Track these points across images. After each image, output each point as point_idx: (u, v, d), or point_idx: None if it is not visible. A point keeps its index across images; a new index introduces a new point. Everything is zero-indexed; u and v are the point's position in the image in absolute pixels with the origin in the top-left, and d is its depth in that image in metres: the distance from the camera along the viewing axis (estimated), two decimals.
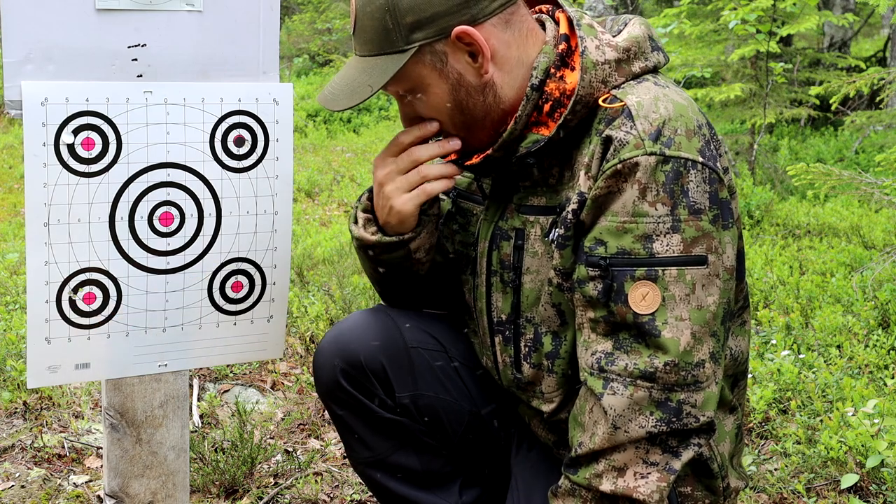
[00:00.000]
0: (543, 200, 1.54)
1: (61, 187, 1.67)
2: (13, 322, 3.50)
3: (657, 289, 1.39)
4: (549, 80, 1.50)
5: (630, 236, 1.40)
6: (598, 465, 1.43)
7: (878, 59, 10.41)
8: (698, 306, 1.41)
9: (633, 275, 1.40)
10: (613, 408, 1.40)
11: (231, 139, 1.80)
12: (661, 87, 1.49)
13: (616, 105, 1.45)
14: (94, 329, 1.76)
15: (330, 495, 2.47)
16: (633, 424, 1.39)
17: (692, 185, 1.41)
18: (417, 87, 1.51)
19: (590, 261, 1.43)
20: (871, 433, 2.45)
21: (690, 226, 1.40)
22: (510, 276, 1.58)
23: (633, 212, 1.40)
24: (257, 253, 1.87)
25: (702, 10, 7.71)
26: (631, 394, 1.39)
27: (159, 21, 1.70)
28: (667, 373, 1.39)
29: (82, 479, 2.49)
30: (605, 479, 1.42)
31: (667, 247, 1.40)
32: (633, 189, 1.40)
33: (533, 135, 1.51)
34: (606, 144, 1.44)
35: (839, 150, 7.72)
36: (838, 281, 4.02)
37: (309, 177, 7.14)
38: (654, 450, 1.41)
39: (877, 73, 4.65)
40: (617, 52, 1.49)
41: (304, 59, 13.99)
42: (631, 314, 1.40)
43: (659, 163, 1.40)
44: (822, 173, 4.21)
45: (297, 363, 3.38)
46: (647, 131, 1.41)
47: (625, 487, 1.41)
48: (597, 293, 1.42)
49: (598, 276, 1.42)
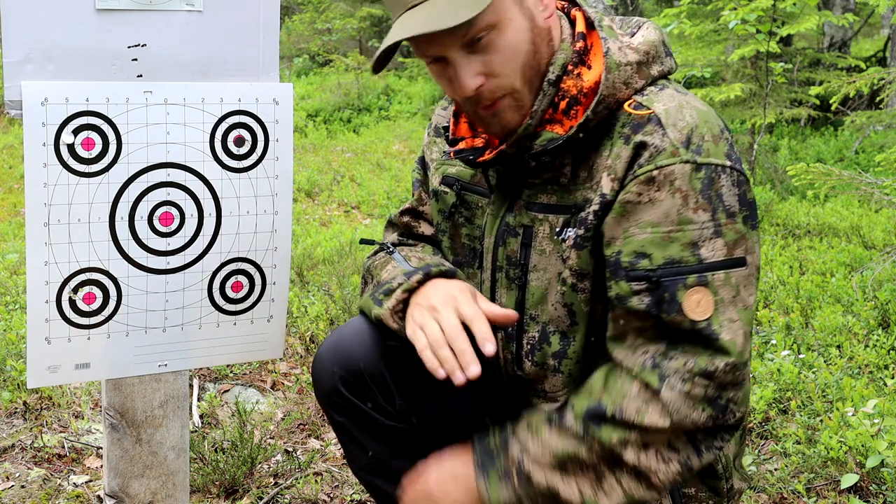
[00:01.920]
0: (554, 199, 1.54)
1: (61, 187, 1.67)
2: (13, 322, 3.50)
3: (709, 293, 1.40)
4: (566, 77, 1.50)
5: (677, 245, 1.41)
6: (630, 433, 1.41)
7: (878, 59, 10.41)
8: (744, 307, 1.43)
9: (684, 283, 1.40)
10: (671, 402, 1.40)
11: (231, 139, 1.80)
12: (682, 94, 1.51)
13: (643, 112, 1.46)
14: (94, 329, 1.76)
15: (330, 495, 2.47)
16: (686, 419, 1.40)
17: (724, 190, 1.43)
18: (500, 22, 1.42)
19: (633, 275, 1.42)
20: (871, 433, 2.45)
21: (730, 229, 1.43)
22: (516, 272, 1.58)
23: (678, 220, 1.41)
24: (257, 253, 1.87)
25: (702, 10, 7.71)
26: (688, 390, 1.39)
27: (159, 21, 1.70)
28: (726, 373, 1.40)
29: (82, 479, 2.49)
30: (630, 450, 1.41)
31: (712, 251, 1.41)
32: (674, 198, 1.41)
33: (547, 133, 1.50)
34: (638, 150, 1.43)
35: (839, 150, 7.71)
36: (838, 281, 4.02)
37: (309, 177, 7.14)
38: (681, 438, 1.42)
39: (877, 73, 4.65)
40: (638, 55, 1.50)
41: (304, 59, 13.99)
42: (687, 321, 1.40)
43: (693, 170, 1.42)
44: (822, 173, 4.21)
45: (297, 363, 3.38)
46: (678, 139, 1.43)
47: (647, 466, 1.41)
48: (645, 306, 1.41)
49: (644, 290, 1.42)
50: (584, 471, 1.44)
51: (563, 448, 1.44)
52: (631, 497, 1.43)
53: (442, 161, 1.75)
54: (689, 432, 1.42)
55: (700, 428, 1.41)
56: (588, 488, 1.44)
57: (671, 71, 1.55)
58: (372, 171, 7.63)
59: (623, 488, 1.43)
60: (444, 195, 1.73)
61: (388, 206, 6.38)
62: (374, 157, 8.24)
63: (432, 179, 1.77)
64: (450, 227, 1.74)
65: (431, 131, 1.80)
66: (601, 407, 1.43)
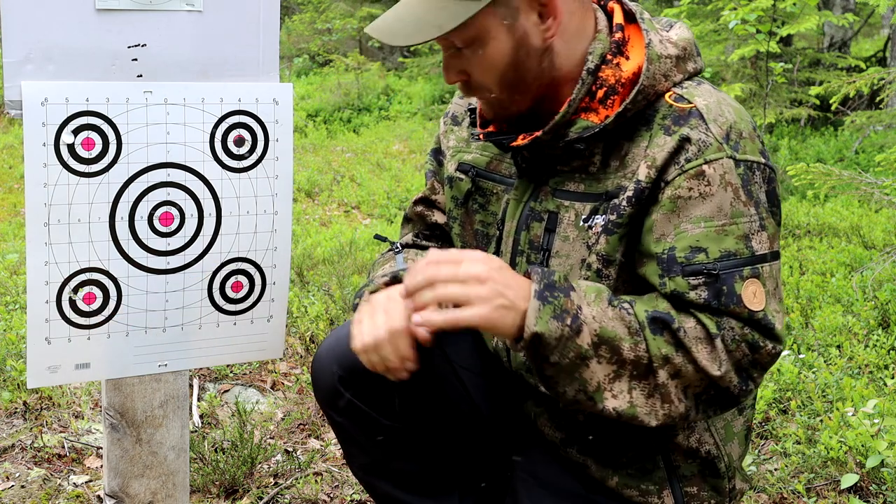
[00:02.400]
0: (582, 187, 1.54)
1: (61, 187, 1.67)
2: (13, 322, 3.50)
3: (761, 285, 1.44)
4: (604, 66, 1.51)
5: (732, 238, 1.43)
6: (677, 356, 1.39)
7: (878, 59, 10.40)
8: (779, 299, 1.47)
9: (741, 274, 1.43)
10: (722, 352, 1.41)
11: (231, 139, 1.81)
12: (717, 91, 1.53)
13: (684, 105, 1.48)
14: (94, 329, 1.76)
15: (330, 495, 2.47)
16: (728, 374, 1.40)
17: (762, 185, 1.47)
18: (480, 38, 1.46)
19: (690, 270, 1.43)
20: (871, 433, 2.45)
21: (770, 223, 1.47)
22: (538, 257, 1.58)
23: (731, 213, 1.43)
24: (257, 253, 1.87)
25: (702, 10, 7.71)
26: (733, 350, 1.41)
27: (159, 21, 1.70)
28: (769, 355, 1.43)
29: (82, 479, 2.49)
30: (665, 371, 1.39)
31: (760, 244, 1.45)
32: (726, 192, 1.44)
33: (582, 121, 1.50)
34: (683, 143, 1.45)
35: (839, 150, 7.71)
36: (838, 281, 4.02)
37: (309, 177, 7.14)
38: (697, 388, 1.42)
39: (877, 73, 4.65)
40: (677, 49, 1.52)
41: (304, 59, 13.98)
42: (746, 312, 1.42)
43: (736, 165, 1.45)
44: (822, 173, 4.21)
45: (297, 363, 3.38)
46: (720, 135, 1.45)
47: (664, 392, 1.40)
48: (703, 300, 1.42)
49: (702, 284, 1.43)
50: (610, 361, 1.39)
51: (610, 330, 1.39)
52: (627, 412, 1.41)
53: (458, 148, 1.75)
54: (711, 387, 1.42)
55: (728, 391, 1.42)
56: (602, 378, 1.40)
57: (702, 69, 1.57)
58: (372, 171, 7.63)
59: (629, 398, 1.40)
60: (460, 182, 1.72)
61: (388, 206, 6.38)
62: (374, 157, 8.23)
63: (448, 166, 1.76)
64: (462, 213, 1.73)
65: (448, 119, 1.80)
66: (669, 318, 1.41)
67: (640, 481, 1.59)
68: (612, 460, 1.59)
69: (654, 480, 1.58)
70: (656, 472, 1.58)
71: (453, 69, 1.51)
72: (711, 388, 1.42)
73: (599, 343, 1.38)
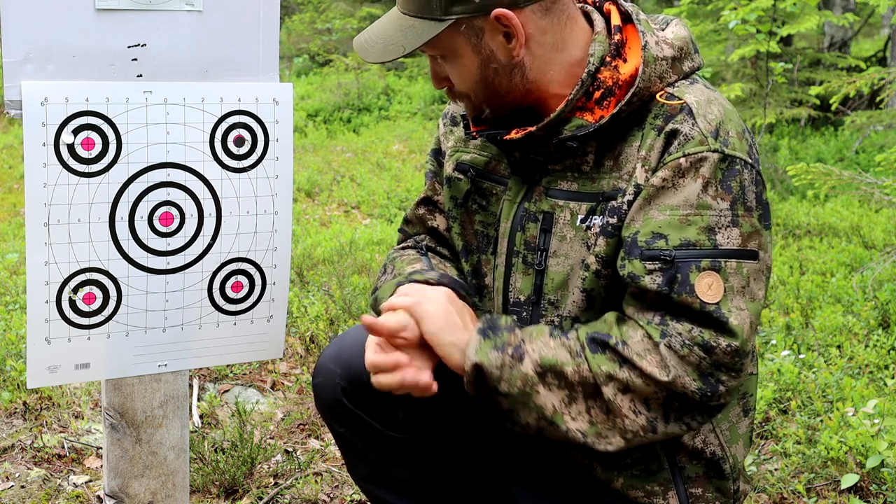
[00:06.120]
0: (575, 186, 1.55)
1: (61, 187, 1.67)
2: (13, 322, 3.50)
3: (720, 279, 1.43)
4: (603, 68, 1.52)
5: (694, 228, 1.44)
6: (620, 371, 1.42)
7: (878, 59, 10.40)
8: (751, 298, 1.45)
9: (698, 265, 1.43)
10: (668, 358, 1.41)
11: (231, 139, 1.80)
12: (710, 89, 1.54)
13: (675, 102, 1.50)
14: (94, 329, 1.76)
15: (330, 495, 2.47)
16: (679, 380, 1.40)
17: (745, 184, 1.47)
18: (449, 54, 1.54)
19: (648, 254, 1.44)
20: (871, 433, 2.45)
21: (746, 221, 1.46)
22: (534, 258, 1.58)
23: (696, 204, 1.44)
24: (257, 253, 1.87)
25: (702, 10, 7.71)
26: (685, 355, 1.40)
27: (159, 21, 1.70)
28: (725, 354, 1.41)
29: (82, 479, 2.49)
30: (611, 386, 1.42)
31: (728, 239, 1.44)
32: (696, 183, 1.44)
33: (577, 119, 1.52)
34: (669, 138, 1.47)
35: (839, 150, 7.71)
36: (838, 281, 4.02)
37: (309, 177, 7.14)
38: (659, 399, 1.42)
39: (877, 73, 4.65)
40: (673, 50, 1.53)
41: (304, 59, 13.98)
42: (698, 303, 1.42)
43: (720, 160, 1.45)
44: (822, 173, 4.21)
45: (297, 363, 3.38)
46: (708, 130, 1.46)
47: (618, 407, 1.42)
48: (657, 286, 1.43)
49: (657, 269, 1.43)
50: (560, 386, 1.43)
51: (552, 356, 1.44)
52: (589, 432, 1.43)
53: (456, 148, 1.75)
54: (671, 396, 1.42)
55: (687, 396, 1.41)
56: (557, 403, 1.43)
57: (700, 67, 1.58)
58: (372, 171, 7.62)
59: (588, 418, 1.43)
60: (458, 182, 1.72)
61: (388, 206, 6.38)
62: (374, 157, 8.23)
63: (446, 166, 1.76)
64: (461, 213, 1.73)
65: (447, 120, 1.81)
66: (607, 336, 1.44)
67: (645, 482, 1.58)
68: (618, 462, 1.59)
69: (660, 482, 1.58)
70: (661, 473, 1.58)
71: (436, 75, 1.60)
72: (670, 397, 1.42)
73: (544, 371, 1.43)
